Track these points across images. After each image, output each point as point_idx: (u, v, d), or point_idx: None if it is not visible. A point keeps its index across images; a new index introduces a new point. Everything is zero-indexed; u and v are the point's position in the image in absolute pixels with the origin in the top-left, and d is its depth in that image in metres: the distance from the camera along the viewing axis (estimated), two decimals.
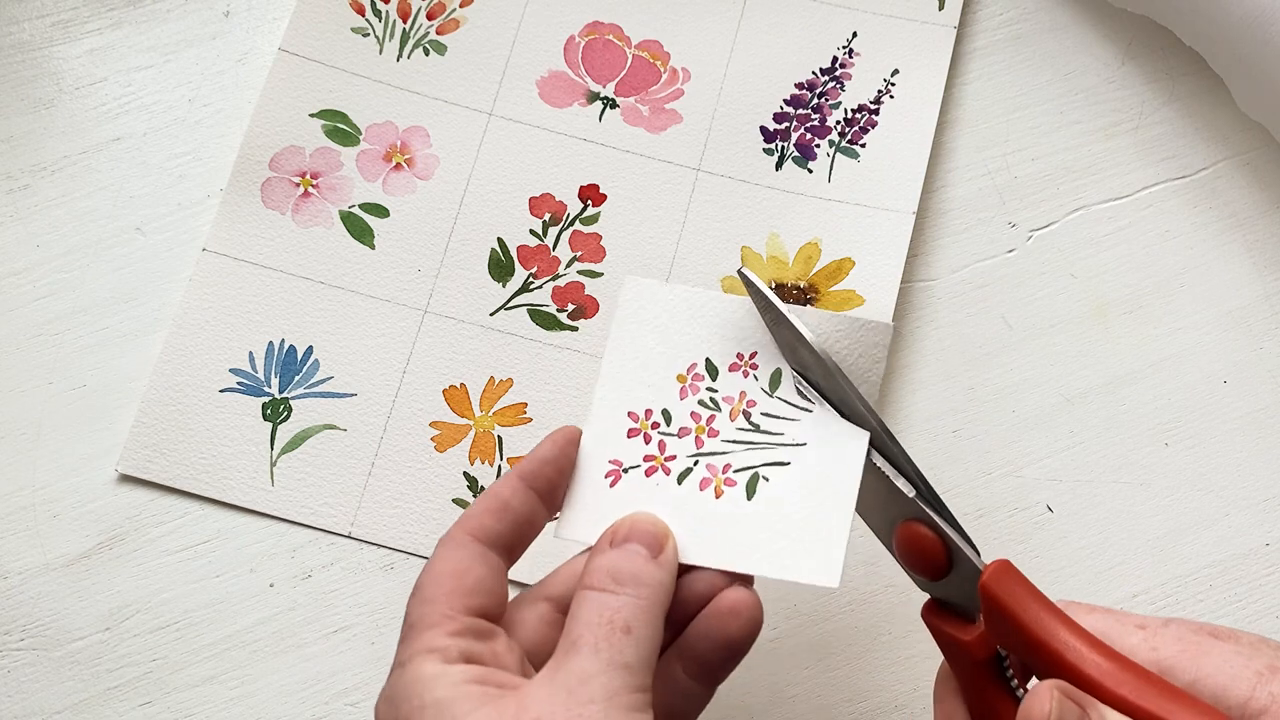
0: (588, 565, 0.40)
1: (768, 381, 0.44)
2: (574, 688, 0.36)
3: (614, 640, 0.37)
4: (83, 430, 0.56)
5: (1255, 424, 0.57)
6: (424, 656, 0.38)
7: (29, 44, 0.61)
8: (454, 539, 0.41)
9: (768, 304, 0.44)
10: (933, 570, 0.41)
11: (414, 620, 0.39)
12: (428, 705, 0.36)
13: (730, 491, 0.43)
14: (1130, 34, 0.62)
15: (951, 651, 0.40)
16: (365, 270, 0.58)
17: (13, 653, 0.53)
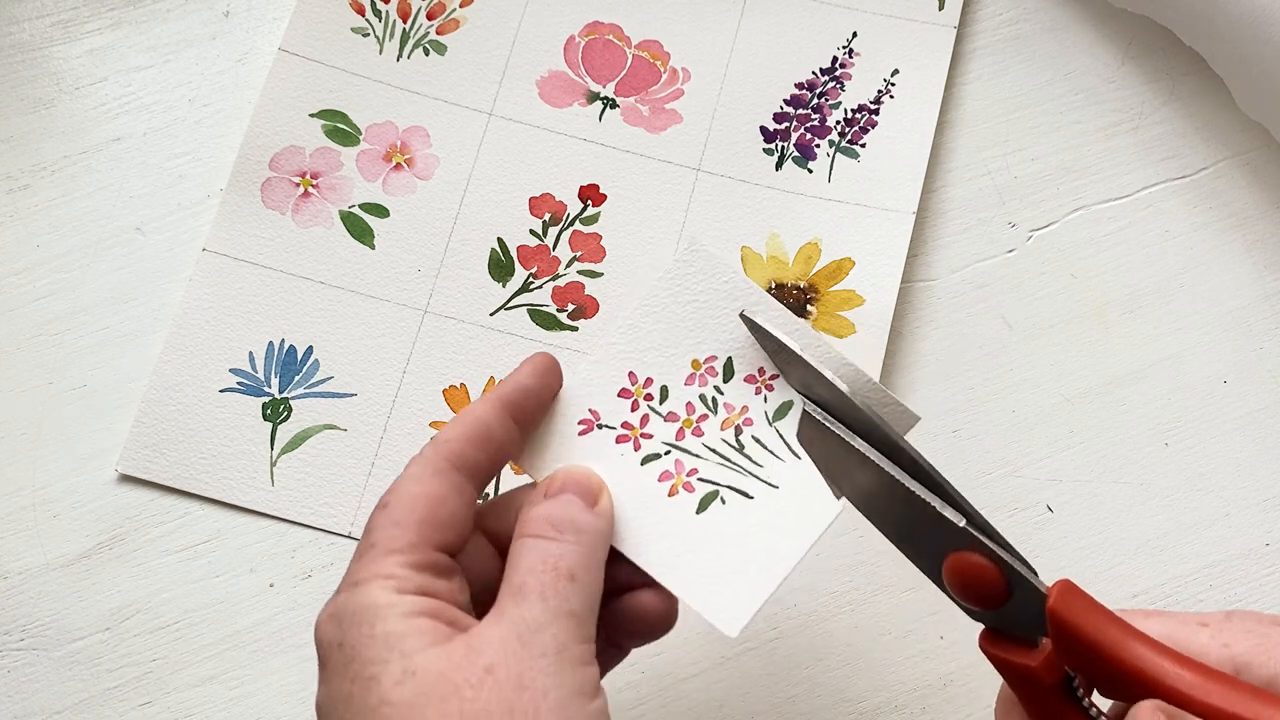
0: (525, 515, 0.39)
1: (775, 408, 0.43)
2: (526, 637, 0.35)
3: (559, 587, 0.37)
4: (83, 430, 0.56)
5: (1255, 424, 0.57)
6: (380, 582, 0.37)
7: (29, 44, 0.61)
8: (432, 463, 0.39)
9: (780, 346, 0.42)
10: (990, 600, 0.39)
11: (377, 539, 0.38)
12: (377, 636, 0.35)
13: (684, 497, 0.42)
14: (1130, 34, 0.62)
15: (1016, 679, 0.39)
16: (365, 270, 0.58)
17: (13, 653, 0.53)
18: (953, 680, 0.53)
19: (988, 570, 0.38)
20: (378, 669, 0.35)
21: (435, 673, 0.35)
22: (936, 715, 0.53)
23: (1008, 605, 0.38)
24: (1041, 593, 0.38)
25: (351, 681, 0.35)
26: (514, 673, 0.34)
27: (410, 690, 0.34)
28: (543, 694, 0.34)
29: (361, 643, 0.36)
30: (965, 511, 0.39)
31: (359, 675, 0.35)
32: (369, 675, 0.35)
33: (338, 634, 0.36)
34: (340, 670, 0.36)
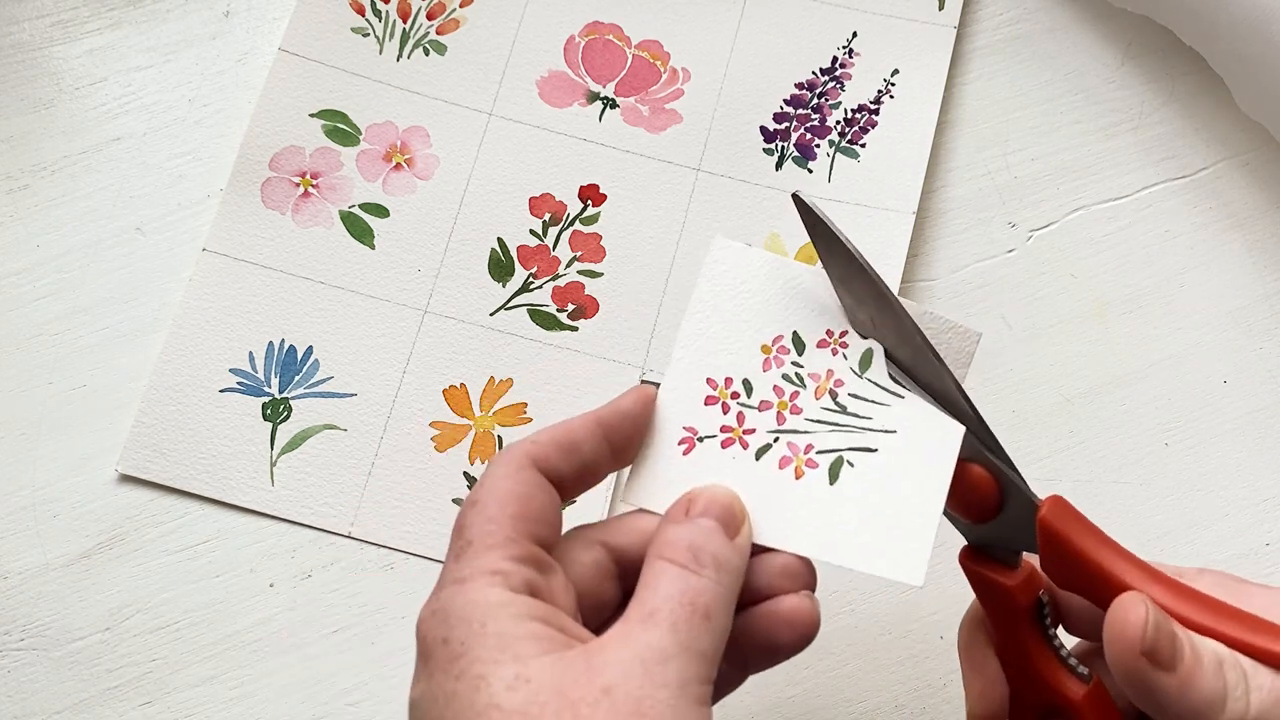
0: (663, 534, 0.38)
1: (858, 361, 0.42)
2: (651, 666, 0.34)
3: (694, 624, 0.35)
4: (83, 430, 0.56)
5: (1255, 424, 0.57)
6: (487, 578, 0.35)
7: (29, 44, 0.61)
8: (516, 461, 0.38)
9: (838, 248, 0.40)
10: (983, 510, 0.39)
11: (473, 537, 0.37)
12: (490, 634, 0.34)
13: (811, 474, 0.41)
14: (1130, 34, 0.62)
15: (990, 597, 0.39)
16: (365, 270, 0.58)
17: (13, 653, 0.53)
18: (953, 680, 0.53)
19: (981, 478, 0.39)
20: (488, 669, 0.34)
21: (550, 684, 0.34)
22: (936, 715, 0.53)
23: (997, 519, 0.39)
24: (1034, 503, 0.38)
25: (457, 679, 0.34)
26: (633, 699, 0.33)
27: (522, 697, 0.33)
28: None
29: (471, 640, 0.34)
30: (969, 422, 0.39)
31: (466, 673, 0.34)
32: (477, 674, 0.34)
33: (443, 629, 0.35)
34: (444, 666, 0.35)
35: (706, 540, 0.38)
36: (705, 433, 0.42)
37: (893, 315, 0.40)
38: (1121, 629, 0.35)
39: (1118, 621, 0.35)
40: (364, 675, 0.53)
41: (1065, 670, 0.38)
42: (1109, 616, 0.35)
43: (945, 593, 0.54)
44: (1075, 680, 0.38)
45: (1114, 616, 0.35)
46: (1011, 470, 0.39)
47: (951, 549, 0.55)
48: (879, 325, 0.41)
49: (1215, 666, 0.35)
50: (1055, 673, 0.38)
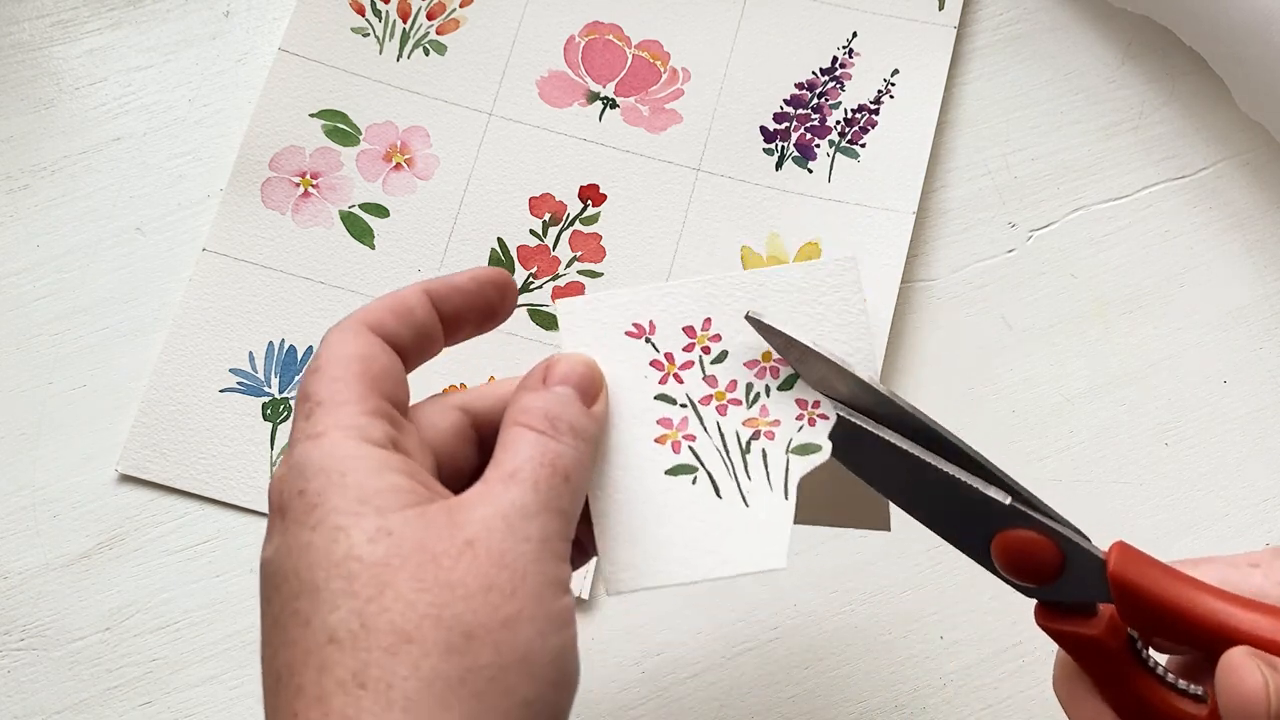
0: (521, 401, 0.37)
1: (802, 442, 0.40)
2: (513, 521, 0.34)
3: (555, 483, 0.35)
4: (83, 430, 0.56)
5: (1255, 424, 0.57)
6: (344, 431, 0.35)
7: (29, 44, 0.61)
8: (350, 328, 0.37)
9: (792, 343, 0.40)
10: (1045, 574, 0.38)
11: (323, 398, 0.35)
12: (350, 486, 0.34)
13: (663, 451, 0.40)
14: (1130, 34, 0.62)
15: (1079, 650, 0.38)
16: (365, 270, 0.58)
17: (13, 653, 0.53)
18: (953, 680, 0.53)
19: (1040, 544, 0.38)
20: (347, 520, 0.33)
21: (412, 537, 0.33)
22: (936, 715, 0.53)
23: (1063, 578, 0.38)
24: (1099, 558, 0.37)
25: (313, 529, 0.33)
26: (496, 551, 0.33)
27: (384, 549, 0.33)
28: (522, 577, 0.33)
29: (329, 490, 0.34)
30: (1009, 488, 0.38)
31: (323, 523, 0.33)
32: (335, 524, 0.33)
33: (299, 482, 0.34)
34: (300, 517, 0.34)
35: (564, 408, 0.37)
36: (655, 341, 0.41)
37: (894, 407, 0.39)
38: (1240, 703, 0.33)
39: (1234, 693, 0.33)
40: None
41: (1178, 694, 0.37)
42: (1222, 683, 0.33)
43: (945, 592, 0.55)
44: (1191, 702, 0.37)
45: (1228, 686, 0.33)
46: (1064, 525, 0.38)
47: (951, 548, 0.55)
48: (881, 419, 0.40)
49: None
50: (1169, 701, 0.37)
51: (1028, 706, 0.53)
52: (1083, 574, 0.37)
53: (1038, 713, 0.53)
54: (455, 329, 0.41)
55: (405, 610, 0.32)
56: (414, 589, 0.33)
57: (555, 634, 0.34)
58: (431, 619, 0.32)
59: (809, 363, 0.40)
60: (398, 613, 0.32)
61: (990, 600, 0.54)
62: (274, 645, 0.34)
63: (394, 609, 0.32)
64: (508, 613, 0.33)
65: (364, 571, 0.33)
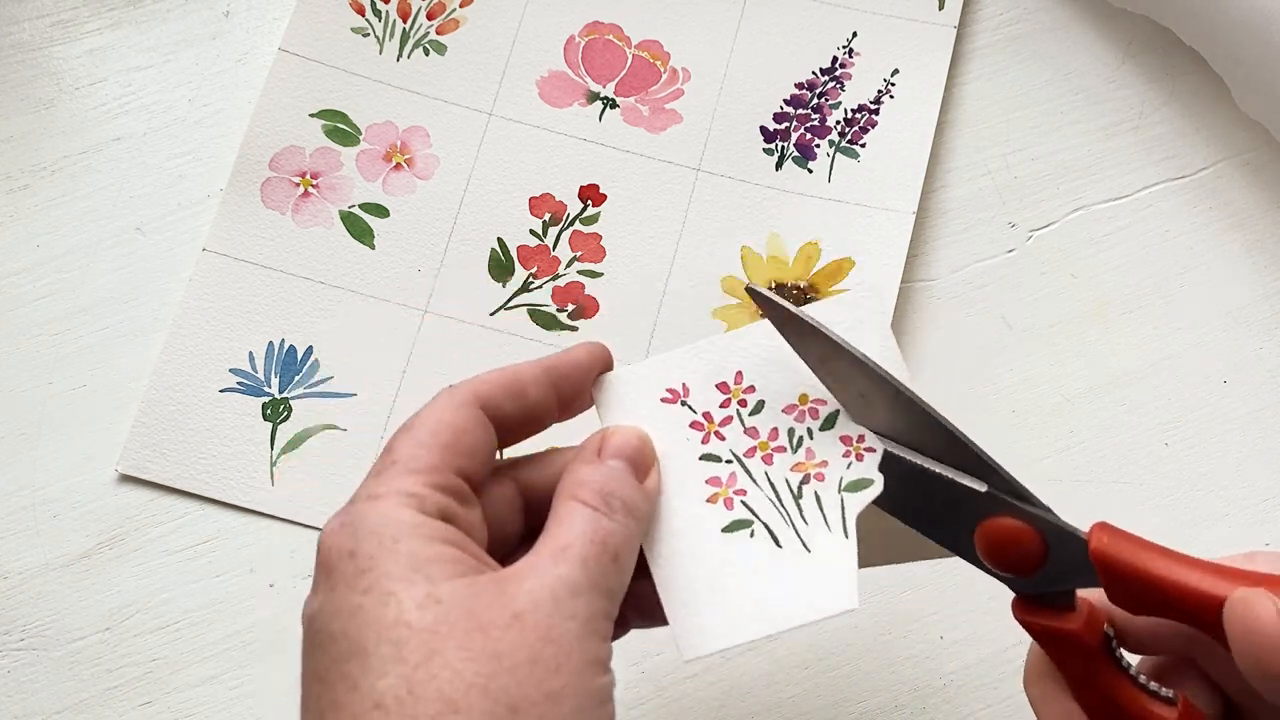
0: (575, 474, 0.38)
1: (852, 479, 0.40)
2: (560, 597, 0.34)
3: (603, 563, 0.36)
4: (83, 430, 0.56)
5: (1255, 424, 0.57)
6: (403, 498, 0.35)
7: (29, 44, 0.61)
8: (460, 396, 0.38)
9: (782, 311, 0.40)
10: (1028, 561, 0.37)
11: (400, 457, 0.36)
12: (402, 552, 0.34)
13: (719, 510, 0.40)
14: (1130, 34, 0.62)
15: (1057, 645, 0.38)
16: (365, 270, 0.58)
17: (13, 653, 0.53)
18: (953, 680, 0.53)
19: (1021, 531, 0.37)
20: (398, 586, 0.34)
21: (461, 606, 0.33)
22: (936, 715, 0.53)
23: (1047, 565, 0.37)
24: (1081, 539, 0.37)
25: (364, 593, 0.34)
26: (543, 626, 0.34)
27: (433, 616, 0.33)
28: (567, 653, 0.34)
29: (381, 555, 0.34)
30: (990, 477, 0.38)
31: (374, 587, 0.34)
32: (386, 590, 0.33)
33: (350, 542, 0.35)
34: (350, 580, 0.34)
35: (618, 484, 0.38)
36: (691, 402, 0.41)
37: (885, 387, 0.39)
38: (1255, 626, 0.33)
39: (1246, 621, 0.33)
40: None
41: (1149, 696, 0.37)
42: (1232, 621, 0.33)
43: (945, 592, 0.55)
44: (1162, 704, 0.37)
45: (1240, 618, 0.33)
46: (1048, 512, 0.38)
47: None
48: (870, 402, 0.39)
49: None
50: (1140, 702, 0.37)
51: (1027, 706, 0.53)
52: (1066, 559, 0.37)
53: None
54: (572, 405, 0.41)
55: (453, 679, 0.32)
56: (462, 658, 0.33)
57: (595, 710, 0.34)
58: (479, 689, 0.32)
59: (807, 340, 0.39)
60: (445, 680, 0.32)
61: (990, 600, 0.54)
62: (319, 707, 0.34)
63: (441, 677, 0.32)
64: (552, 687, 0.33)
65: (413, 638, 0.33)
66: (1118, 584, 0.36)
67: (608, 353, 0.42)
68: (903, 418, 0.39)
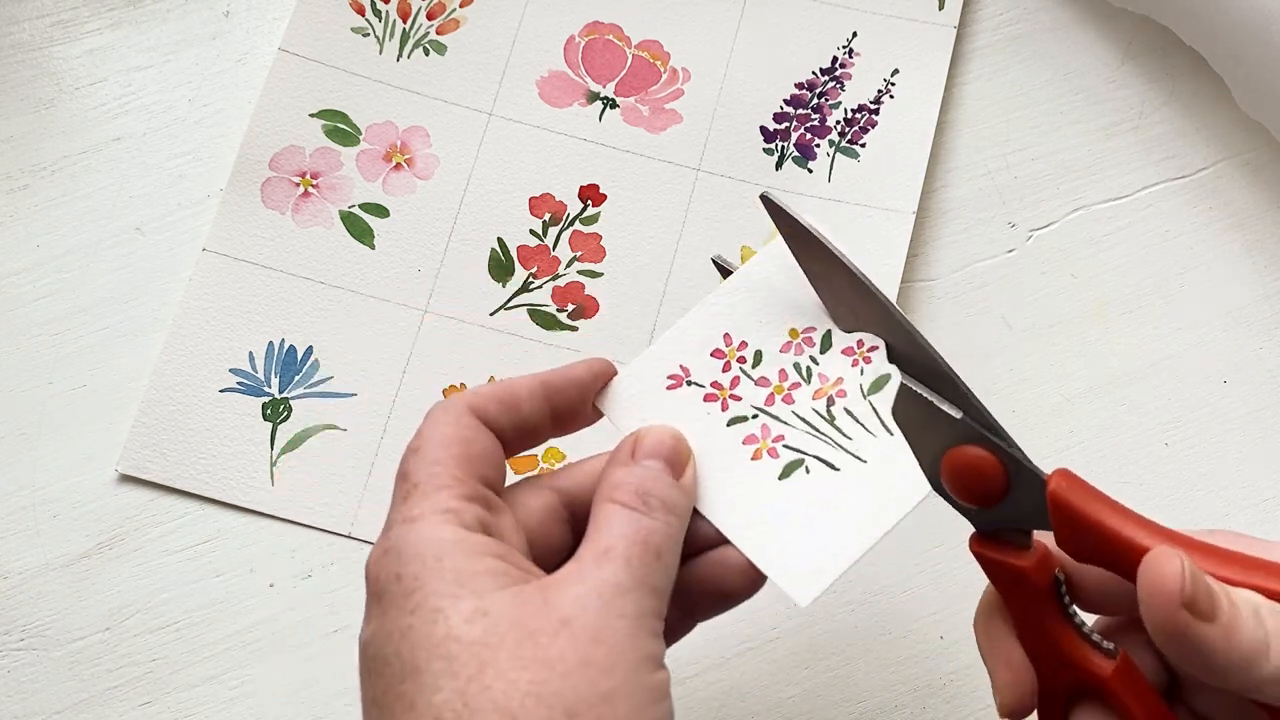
0: (611, 477, 0.38)
1: (870, 381, 0.41)
2: (607, 598, 0.34)
3: (647, 560, 0.36)
4: (83, 430, 0.56)
5: (1255, 424, 0.57)
6: (439, 516, 0.36)
7: (29, 44, 0.61)
8: (453, 410, 0.38)
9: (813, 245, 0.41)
10: (990, 494, 0.38)
11: (420, 480, 0.37)
12: (446, 570, 0.34)
13: (767, 462, 0.41)
14: (1130, 34, 0.63)
15: (1006, 582, 0.38)
16: (365, 270, 0.58)
17: (13, 653, 0.53)
18: (953, 680, 0.53)
19: (986, 461, 0.38)
20: (445, 603, 0.34)
21: (509, 616, 0.34)
22: (936, 715, 0.53)
23: (1005, 500, 0.38)
24: (1041, 479, 0.37)
25: (412, 613, 0.34)
26: (591, 629, 0.34)
27: (481, 629, 0.33)
28: (619, 653, 0.34)
29: (426, 575, 0.34)
30: (966, 406, 0.39)
31: (422, 607, 0.34)
32: (434, 607, 0.34)
33: (395, 566, 0.35)
34: (398, 602, 0.34)
35: (654, 483, 0.38)
36: (696, 379, 0.42)
37: (876, 306, 0.40)
38: (1158, 583, 0.33)
39: (1153, 577, 0.34)
40: None
41: (1090, 646, 0.38)
42: (1142, 574, 0.34)
43: (945, 592, 0.55)
44: (1102, 656, 0.38)
45: (1149, 572, 0.34)
46: (1015, 449, 0.38)
47: (950, 548, 0.55)
48: (861, 318, 0.41)
49: (1254, 614, 0.34)
50: (1081, 650, 0.38)
51: None
52: (1025, 497, 0.38)
53: None
54: (568, 421, 0.41)
55: (507, 689, 0.33)
56: (514, 667, 0.33)
57: (652, 707, 0.34)
58: (534, 697, 0.33)
59: (811, 253, 0.40)
60: (499, 691, 0.33)
61: None
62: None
63: (495, 687, 0.33)
64: (606, 688, 0.33)
65: (463, 652, 0.33)
66: (1066, 528, 0.37)
67: (609, 367, 0.42)
68: (891, 337, 0.40)
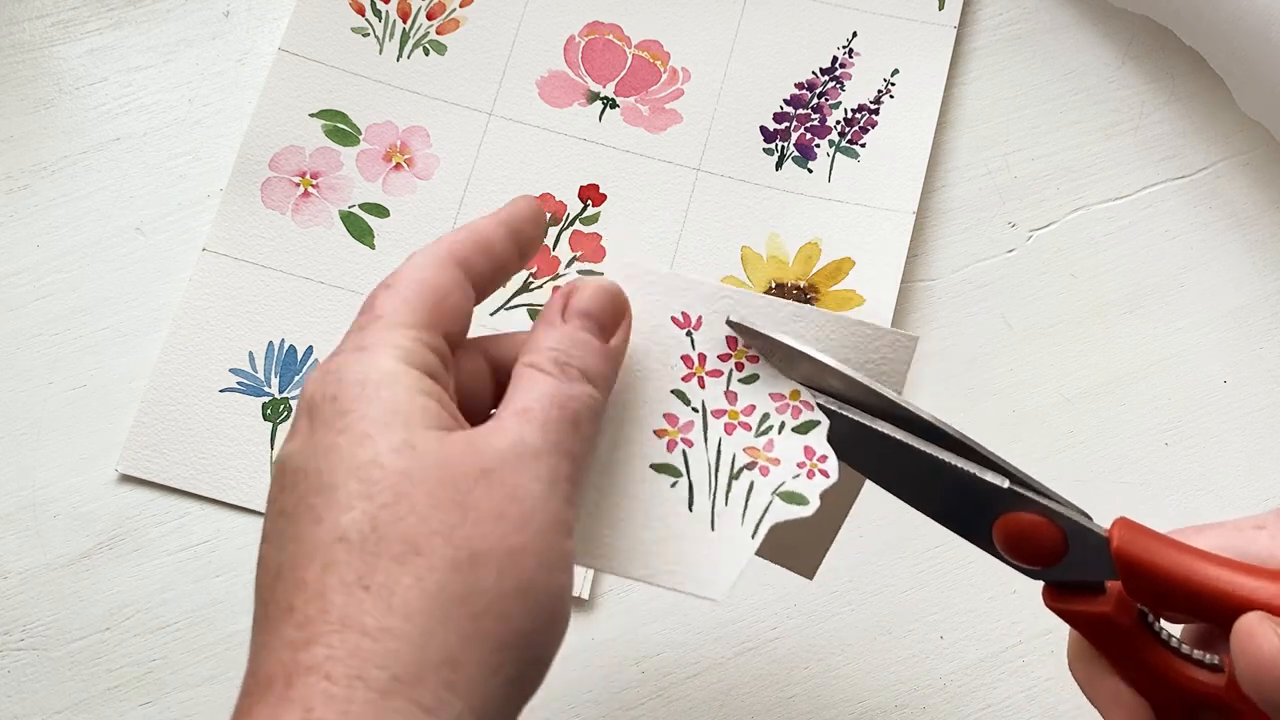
0: (535, 337, 0.37)
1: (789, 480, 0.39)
2: (524, 457, 0.34)
3: (563, 426, 0.35)
4: (83, 430, 0.56)
5: (1255, 424, 0.57)
6: (389, 350, 0.35)
7: (29, 44, 0.61)
8: (436, 255, 0.38)
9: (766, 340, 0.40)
10: (1048, 555, 0.38)
11: (385, 312, 0.36)
12: (384, 399, 0.34)
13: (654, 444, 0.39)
14: (1130, 34, 0.63)
15: (1092, 629, 0.38)
16: (365, 270, 0.58)
17: (13, 653, 0.53)
18: (953, 680, 0.53)
19: (1041, 526, 0.38)
20: (375, 430, 0.34)
21: (434, 455, 0.34)
22: (936, 715, 0.53)
23: (1067, 558, 0.38)
24: (1102, 536, 0.37)
25: (340, 433, 0.34)
26: (509, 484, 0.34)
27: (405, 462, 0.33)
28: (531, 513, 0.34)
29: (363, 401, 0.34)
30: (1007, 472, 0.38)
31: (351, 429, 0.34)
32: (363, 431, 0.34)
33: (334, 388, 0.35)
34: (329, 421, 0.34)
35: (576, 348, 0.37)
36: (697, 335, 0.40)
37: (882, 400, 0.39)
38: (1256, 663, 0.33)
39: (1250, 655, 0.33)
40: None
41: (1194, 665, 0.37)
42: (1237, 649, 0.34)
43: (945, 592, 0.55)
44: (1208, 671, 0.37)
45: (1247, 648, 0.34)
46: (1065, 505, 0.38)
47: (950, 548, 0.55)
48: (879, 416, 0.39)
49: None
50: (1187, 672, 0.37)
51: (1028, 706, 0.53)
52: (1086, 553, 0.38)
53: (1037, 713, 0.53)
54: (529, 253, 0.41)
55: (418, 523, 0.33)
56: (429, 504, 0.33)
57: (556, 572, 0.34)
58: (442, 536, 0.33)
59: (794, 362, 0.40)
60: (410, 524, 0.33)
61: (990, 600, 0.54)
62: (279, 540, 0.34)
63: (408, 520, 0.33)
64: (514, 543, 0.33)
65: (384, 478, 0.33)
66: (1137, 582, 0.36)
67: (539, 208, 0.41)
68: (909, 426, 0.39)
